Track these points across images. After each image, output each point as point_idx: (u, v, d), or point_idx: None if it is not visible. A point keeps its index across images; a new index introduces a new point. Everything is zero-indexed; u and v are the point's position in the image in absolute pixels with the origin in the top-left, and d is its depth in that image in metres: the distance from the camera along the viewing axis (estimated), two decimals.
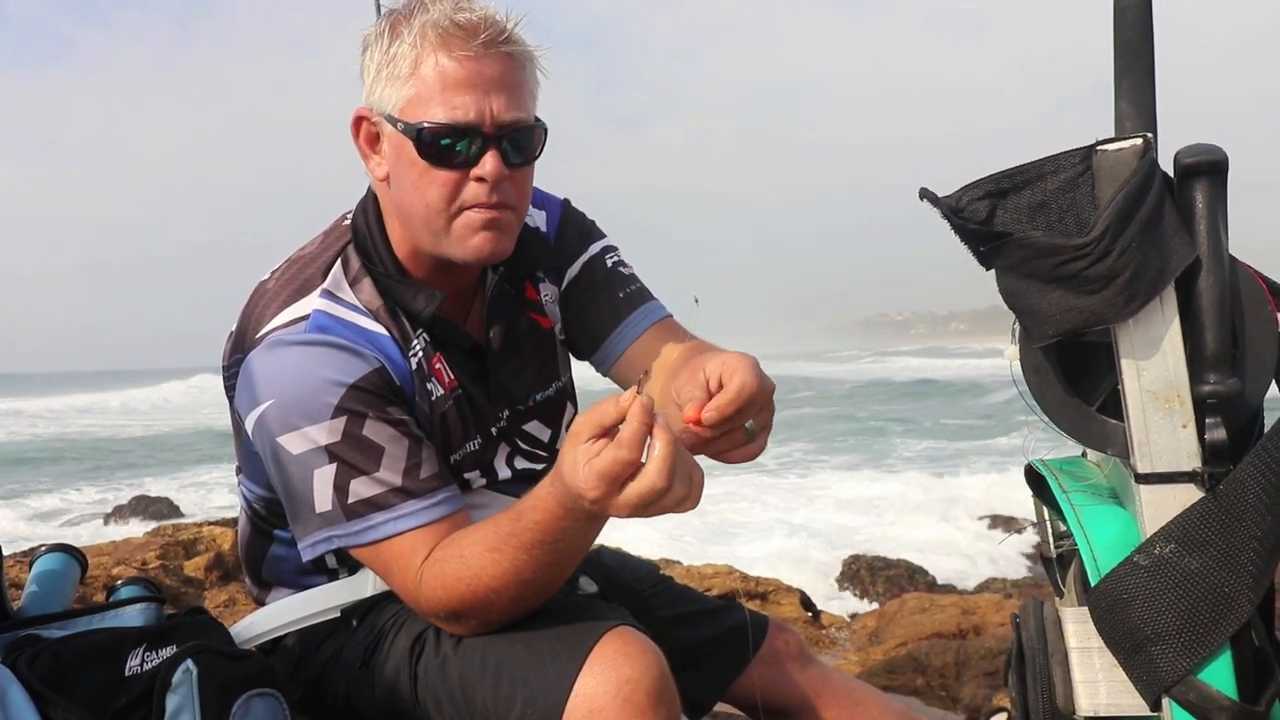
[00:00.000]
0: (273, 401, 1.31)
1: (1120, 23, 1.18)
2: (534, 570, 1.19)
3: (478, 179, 1.31)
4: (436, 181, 1.32)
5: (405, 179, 1.34)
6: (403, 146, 1.33)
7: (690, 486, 1.05)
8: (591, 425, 1.05)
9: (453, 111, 1.29)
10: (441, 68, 1.29)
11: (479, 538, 1.23)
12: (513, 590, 1.22)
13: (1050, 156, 1.14)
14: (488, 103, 1.29)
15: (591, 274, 1.57)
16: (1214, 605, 1.10)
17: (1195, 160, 1.12)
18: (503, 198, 1.34)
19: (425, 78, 1.29)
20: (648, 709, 1.16)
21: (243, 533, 1.58)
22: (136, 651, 1.31)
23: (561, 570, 1.23)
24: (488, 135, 1.30)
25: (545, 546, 1.17)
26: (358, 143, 1.40)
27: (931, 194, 1.14)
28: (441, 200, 1.32)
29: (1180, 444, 1.13)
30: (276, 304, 1.37)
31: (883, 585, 6.17)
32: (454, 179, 1.32)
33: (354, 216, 1.46)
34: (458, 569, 1.23)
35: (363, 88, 1.37)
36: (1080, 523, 1.24)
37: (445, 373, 1.42)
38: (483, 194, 1.32)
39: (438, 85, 1.29)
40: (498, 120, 1.30)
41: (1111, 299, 1.10)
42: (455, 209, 1.33)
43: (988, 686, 3.13)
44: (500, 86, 1.30)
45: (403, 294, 1.40)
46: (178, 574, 3.93)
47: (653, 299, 1.58)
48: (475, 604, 1.23)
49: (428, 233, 1.36)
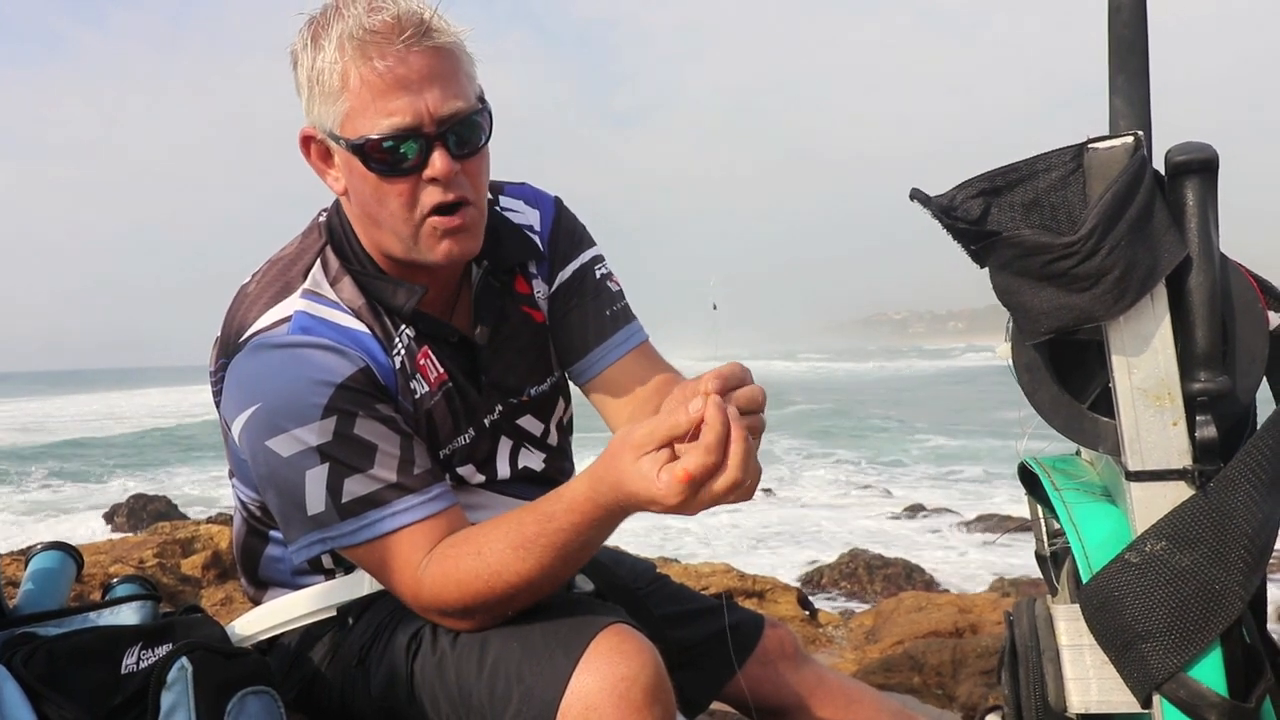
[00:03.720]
0: (259, 405, 1.30)
1: (1115, 20, 1.19)
2: (561, 568, 1.22)
3: (430, 180, 1.30)
4: (392, 193, 1.31)
5: (363, 193, 1.33)
6: (351, 162, 1.31)
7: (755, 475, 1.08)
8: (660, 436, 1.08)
9: (390, 119, 1.26)
10: (367, 77, 1.25)
11: (500, 535, 1.23)
12: (535, 588, 1.23)
13: (1042, 154, 1.15)
14: (422, 101, 1.26)
15: (581, 283, 1.57)
16: (1205, 602, 1.11)
17: (1186, 158, 1.12)
18: (460, 193, 1.32)
19: (354, 90, 1.26)
20: (643, 707, 1.17)
21: (237, 534, 1.57)
22: (132, 649, 1.31)
23: (578, 566, 1.26)
24: (430, 134, 1.28)
25: (574, 546, 1.19)
26: (310, 161, 1.38)
27: (922, 195, 1.15)
28: (402, 209, 1.32)
29: (1171, 441, 1.14)
30: (259, 307, 1.37)
31: (880, 584, 6.18)
32: (408, 186, 1.30)
33: (328, 217, 1.45)
34: (475, 565, 1.23)
35: (301, 104, 1.35)
36: (1072, 520, 1.24)
37: (433, 367, 1.42)
38: (438, 194, 1.31)
39: (368, 95, 1.26)
40: (436, 116, 1.28)
41: (1101, 296, 1.10)
42: (418, 216, 1.32)
43: (984, 685, 3.14)
44: (431, 81, 1.27)
45: (383, 291, 1.39)
46: (175, 572, 3.93)
47: (634, 319, 1.60)
48: (491, 600, 1.24)
49: (397, 240, 1.35)
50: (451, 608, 1.27)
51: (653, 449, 1.08)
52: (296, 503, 1.31)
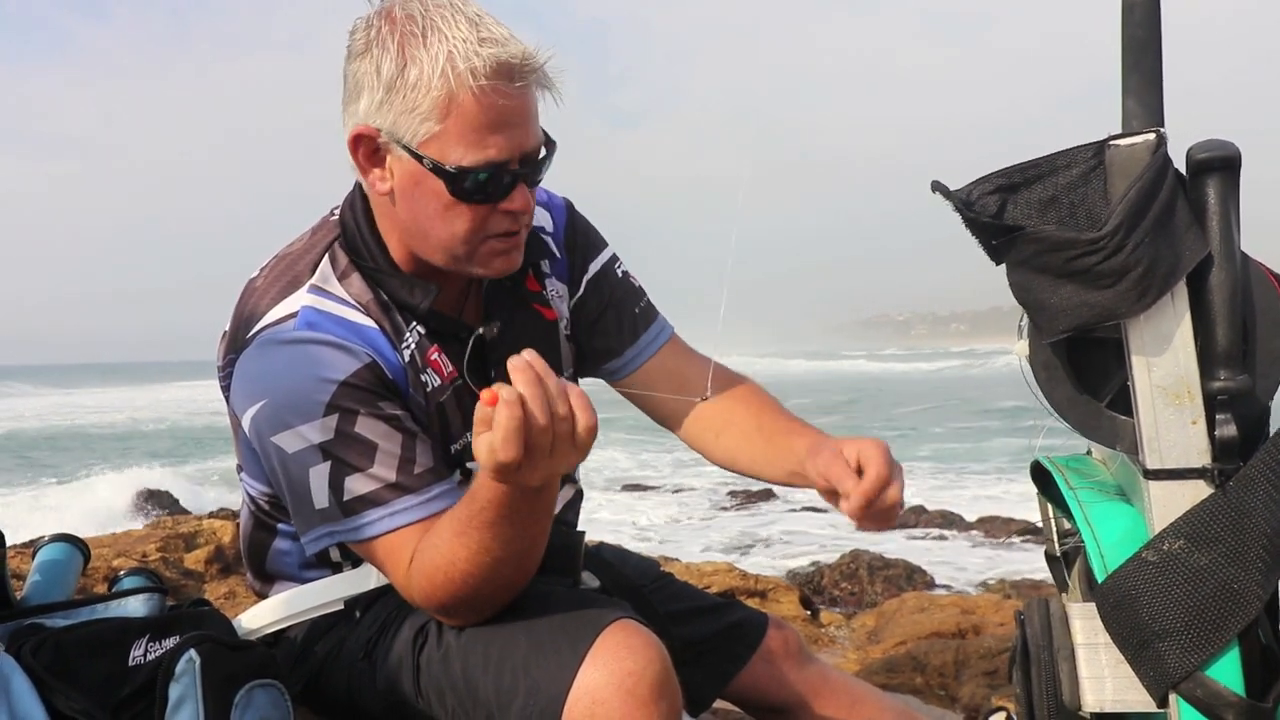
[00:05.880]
0: (265, 401, 1.30)
1: (1128, 20, 1.18)
2: (502, 546, 1.20)
3: (506, 211, 1.31)
4: (465, 216, 1.30)
5: (424, 208, 1.31)
6: (424, 179, 1.28)
7: (563, 417, 1.09)
8: (480, 421, 1.10)
9: (486, 152, 1.25)
10: (471, 110, 1.23)
11: (446, 525, 1.24)
12: (487, 570, 1.22)
13: (1062, 151, 1.14)
14: (518, 140, 1.27)
15: (605, 284, 1.59)
16: (1222, 601, 1.10)
17: (1208, 156, 1.12)
18: (528, 221, 1.36)
19: (455, 117, 1.24)
20: (650, 702, 1.16)
21: (245, 528, 1.57)
22: (140, 641, 1.31)
23: (531, 543, 1.23)
24: (517, 170, 1.29)
25: (504, 521, 1.18)
26: (356, 159, 1.33)
27: (944, 187, 1.14)
28: (469, 232, 1.32)
29: (1190, 440, 1.13)
30: (266, 302, 1.37)
31: (881, 585, 6.17)
32: (482, 213, 1.31)
33: (342, 212, 1.44)
34: (434, 558, 1.24)
35: (355, 100, 1.29)
36: (1087, 519, 1.24)
37: (444, 365, 1.42)
38: (508, 223, 1.33)
39: (468, 125, 1.24)
40: (525, 153, 1.29)
41: (1124, 294, 1.09)
42: (480, 239, 1.33)
43: (987, 686, 3.13)
44: (528, 119, 1.28)
45: (397, 289, 1.39)
46: (178, 566, 3.93)
47: (660, 315, 1.63)
48: (456, 591, 1.24)
49: (444, 254, 1.35)
50: (432, 604, 1.27)
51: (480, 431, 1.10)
52: (305, 497, 1.31)
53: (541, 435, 1.08)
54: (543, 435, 1.08)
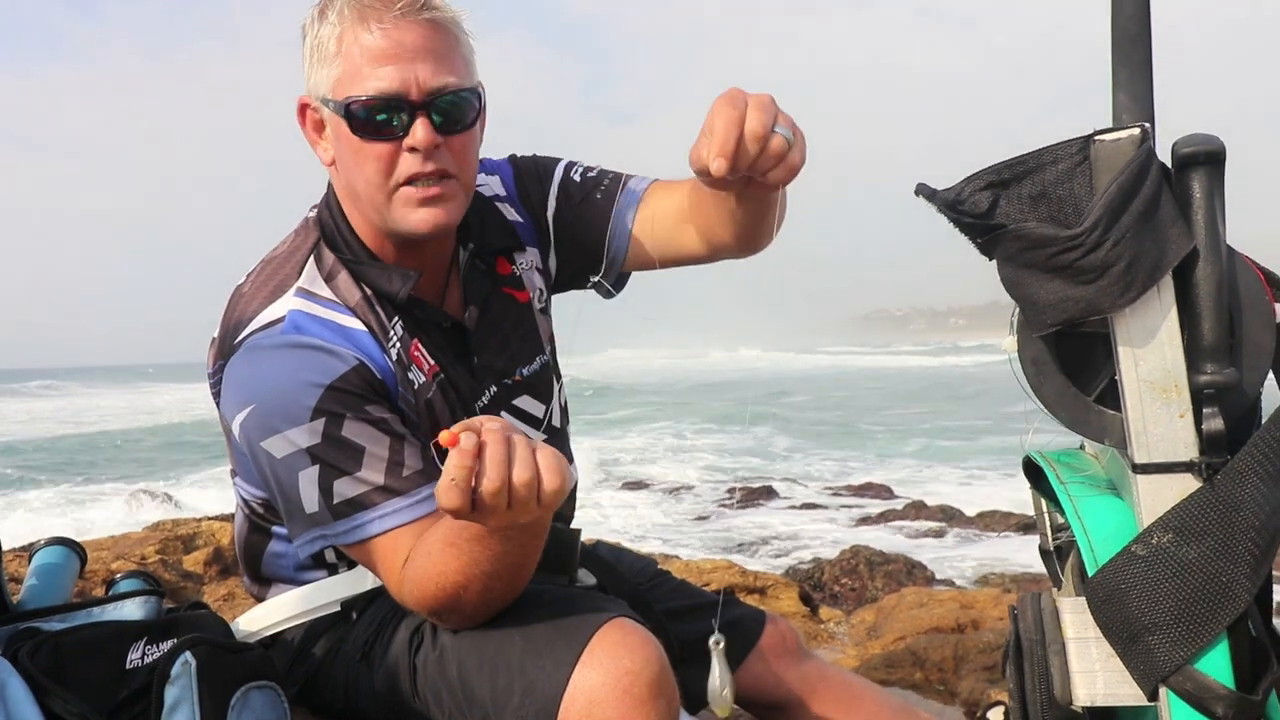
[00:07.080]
0: (254, 406, 1.31)
1: (1118, 14, 1.18)
2: (491, 561, 1.19)
3: (410, 149, 1.31)
4: (371, 155, 1.32)
5: (345, 158, 1.35)
6: (339, 126, 1.34)
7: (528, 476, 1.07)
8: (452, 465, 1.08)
9: (377, 83, 1.29)
10: (363, 42, 1.29)
11: (439, 533, 1.24)
12: (478, 583, 1.22)
13: (1049, 146, 1.14)
14: (412, 71, 1.29)
15: (567, 195, 1.58)
16: (1211, 595, 1.10)
17: (1193, 150, 1.12)
18: (440, 165, 1.33)
19: (349, 54, 1.30)
20: (647, 701, 1.16)
21: (240, 531, 1.58)
22: (137, 644, 1.32)
23: (522, 560, 1.23)
24: (415, 104, 1.30)
25: (494, 537, 1.17)
26: (305, 130, 1.41)
27: (928, 189, 1.14)
28: (378, 174, 1.33)
29: (1177, 434, 1.13)
30: (253, 307, 1.38)
31: (881, 580, 6.17)
32: (388, 151, 1.32)
33: (319, 210, 1.46)
34: (425, 565, 1.24)
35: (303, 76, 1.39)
36: (1078, 513, 1.24)
37: (424, 359, 1.42)
38: (416, 164, 1.32)
39: (361, 59, 1.29)
40: (425, 88, 1.30)
41: (1107, 288, 1.10)
42: (393, 184, 1.33)
43: (986, 680, 3.13)
44: (424, 54, 1.30)
45: (377, 278, 1.40)
46: (176, 569, 3.93)
47: (631, 177, 1.59)
48: (446, 599, 1.24)
49: (373, 209, 1.37)
50: (423, 608, 1.28)
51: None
52: (295, 501, 1.32)
53: (495, 496, 1.06)
54: (496, 496, 1.06)
